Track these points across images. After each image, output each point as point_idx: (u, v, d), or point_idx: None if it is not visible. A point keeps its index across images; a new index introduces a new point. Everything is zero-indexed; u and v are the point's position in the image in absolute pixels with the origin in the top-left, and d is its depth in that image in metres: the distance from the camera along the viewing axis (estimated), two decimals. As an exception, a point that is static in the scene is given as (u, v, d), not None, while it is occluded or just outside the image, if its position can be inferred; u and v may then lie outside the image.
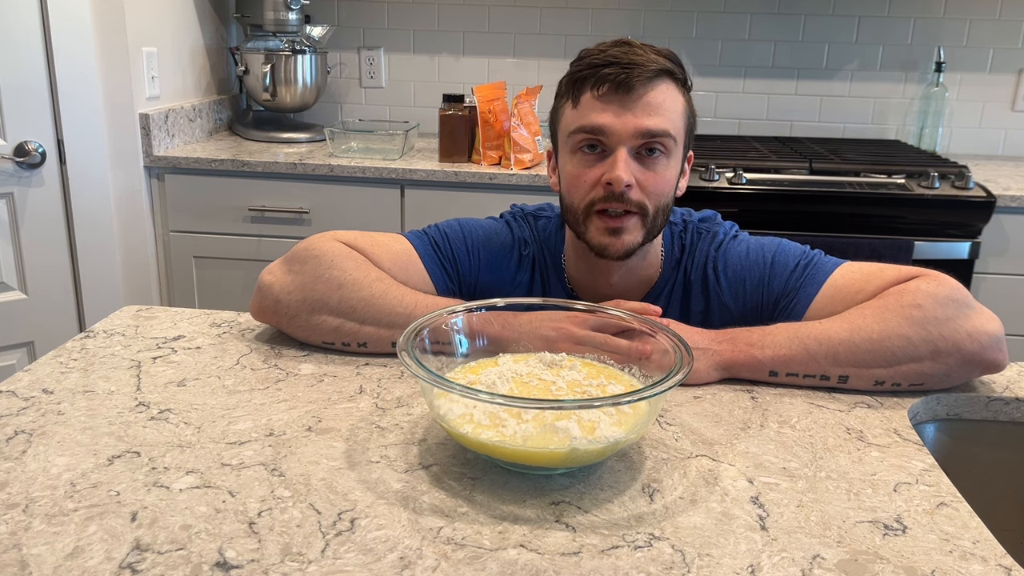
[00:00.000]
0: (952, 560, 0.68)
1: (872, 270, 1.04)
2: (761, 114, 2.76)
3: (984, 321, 0.95)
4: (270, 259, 1.13)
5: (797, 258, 1.10)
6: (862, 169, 2.25)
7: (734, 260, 1.13)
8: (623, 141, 1.03)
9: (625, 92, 1.02)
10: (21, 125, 2.04)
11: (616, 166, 1.03)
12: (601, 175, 1.04)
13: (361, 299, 1.02)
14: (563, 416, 0.76)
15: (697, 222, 1.18)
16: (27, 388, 0.94)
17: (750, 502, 0.75)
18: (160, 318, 1.17)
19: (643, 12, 2.69)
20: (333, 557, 0.66)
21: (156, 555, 0.65)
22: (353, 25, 2.79)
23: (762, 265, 1.11)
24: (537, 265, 1.19)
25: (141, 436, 0.84)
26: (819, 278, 1.06)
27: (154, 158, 2.28)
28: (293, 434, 0.85)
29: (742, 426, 0.90)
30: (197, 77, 2.60)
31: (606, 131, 1.03)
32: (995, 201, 2.12)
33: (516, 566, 0.65)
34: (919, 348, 0.94)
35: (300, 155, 2.35)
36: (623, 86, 1.02)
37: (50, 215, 2.13)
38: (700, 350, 0.98)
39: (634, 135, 1.03)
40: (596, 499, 0.75)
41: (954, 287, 0.97)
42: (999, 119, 2.70)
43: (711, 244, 1.15)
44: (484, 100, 2.27)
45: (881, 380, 0.96)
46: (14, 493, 0.73)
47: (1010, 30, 2.62)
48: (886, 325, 0.95)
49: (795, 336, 0.98)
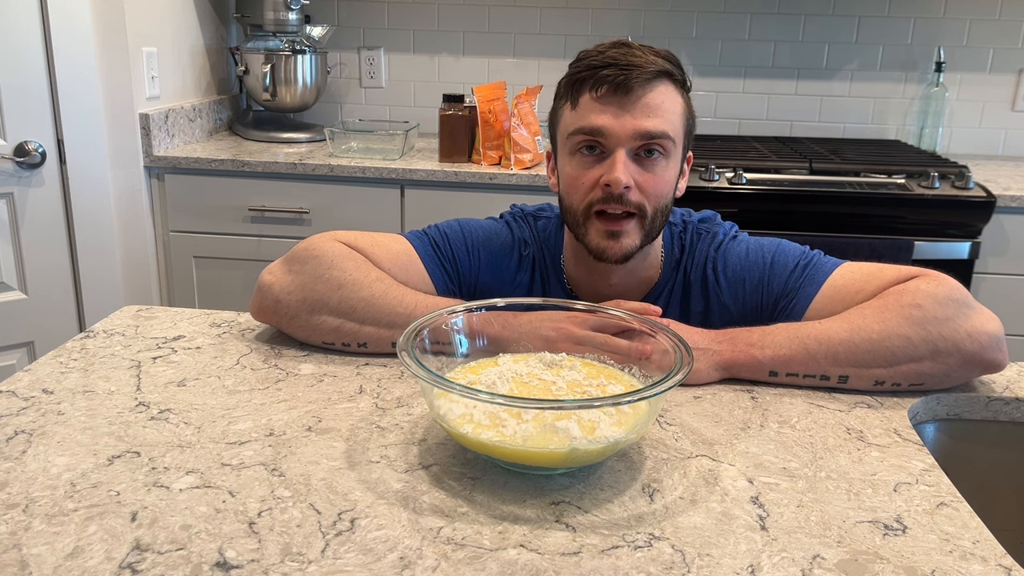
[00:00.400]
0: (952, 560, 0.68)
1: (872, 270, 1.04)
2: (761, 114, 2.76)
3: (984, 321, 0.95)
4: (270, 259, 1.13)
5: (796, 258, 1.10)
6: (862, 169, 2.25)
7: (733, 260, 1.13)
8: (621, 143, 1.03)
9: (623, 94, 1.02)
10: (21, 125, 2.04)
11: (614, 168, 1.03)
12: (600, 176, 1.04)
13: (361, 299, 1.02)
14: (563, 416, 0.76)
15: (697, 222, 1.18)
16: (27, 388, 0.94)
17: (750, 502, 0.75)
18: (160, 318, 1.17)
19: (643, 12, 2.69)
20: (333, 557, 0.66)
21: (156, 555, 0.65)
22: (353, 25, 2.79)
23: (761, 265, 1.11)
24: (537, 265, 1.19)
25: (141, 436, 0.84)
26: (819, 278, 1.06)
27: (154, 158, 2.28)
28: (293, 434, 0.85)
29: (742, 426, 0.90)
30: (197, 77, 2.60)
31: (604, 132, 1.03)
32: (995, 201, 2.12)
33: (516, 566, 0.65)
34: (919, 348, 0.94)
35: (300, 155, 2.35)
36: (621, 88, 1.02)
37: (50, 215, 2.13)
38: (700, 350, 0.98)
39: (632, 136, 1.03)
40: (596, 499, 0.75)
41: (954, 287, 0.97)
42: (999, 119, 2.70)
43: (711, 244, 1.15)
44: (484, 100, 2.27)
45: (881, 380, 0.96)
46: (14, 493, 0.73)
47: (1010, 30, 2.62)
48: (886, 325, 0.95)
49: (795, 336, 0.98)
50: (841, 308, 1.01)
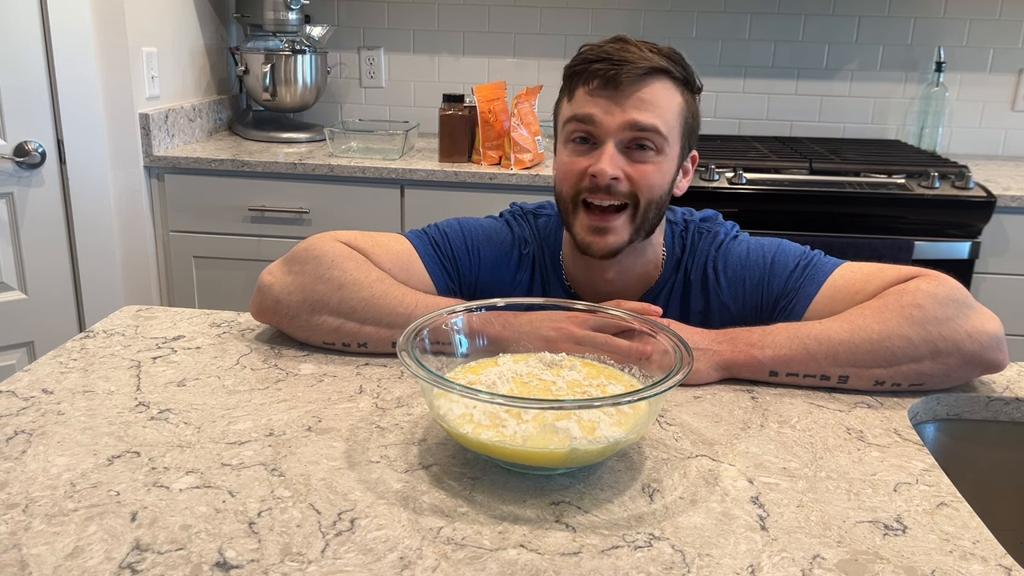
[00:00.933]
0: (952, 560, 0.68)
1: (872, 270, 1.04)
2: (761, 114, 2.76)
3: (984, 321, 0.95)
4: (270, 259, 1.13)
5: (797, 258, 1.10)
6: (862, 169, 2.25)
7: (734, 260, 1.13)
8: (611, 134, 1.04)
9: (614, 88, 1.03)
10: (21, 125, 2.04)
11: (601, 159, 1.04)
12: (589, 166, 1.05)
13: (362, 299, 1.02)
14: (563, 416, 0.76)
15: (699, 222, 1.18)
16: (27, 388, 0.94)
17: (750, 502, 0.75)
18: (160, 318, 1.17)
19: (643, 12, 2.69)
20: (333, 557, 0.66)
21: (156, 555, 0.65)
22: (353, 25, 2.79)
23: (762, 265, 1.11)
24: (537, 264, 1.19)
25: (141, 436, 0.84)
26: (819, 278, 1.06)
27: (154, 158, 2.28)
28: (293, 434, 0.85)
29: (742, 426, 0.90)
30: (197, 77, 2.60)
31: (595, 121, 1.04)
32: (995, 201, 2.12)
33: (516, 566, 0.65)
34: (919, 348, 0.94)
35: (300, 155, 2.35)
36: (612, 82, 1.03)
37: (50, 215, 2.13)
38: (700, 350, 0.98)
39: (621, 127, 1.04)
40: (596, 499, 0.75)
41: (954, 287, 0.97)
42: (999, 119, 2.70)
43: (712, 244, 1.15)
44: (484, 100, 2.27)
45: (881, 380, 0.96)
46: (14, 493, 0.73)
47: (1010, 30, 2.62)
48: (886, 325, 0.95)
49: (795, 336, 0.98)
50: (841, 308, 1.01)
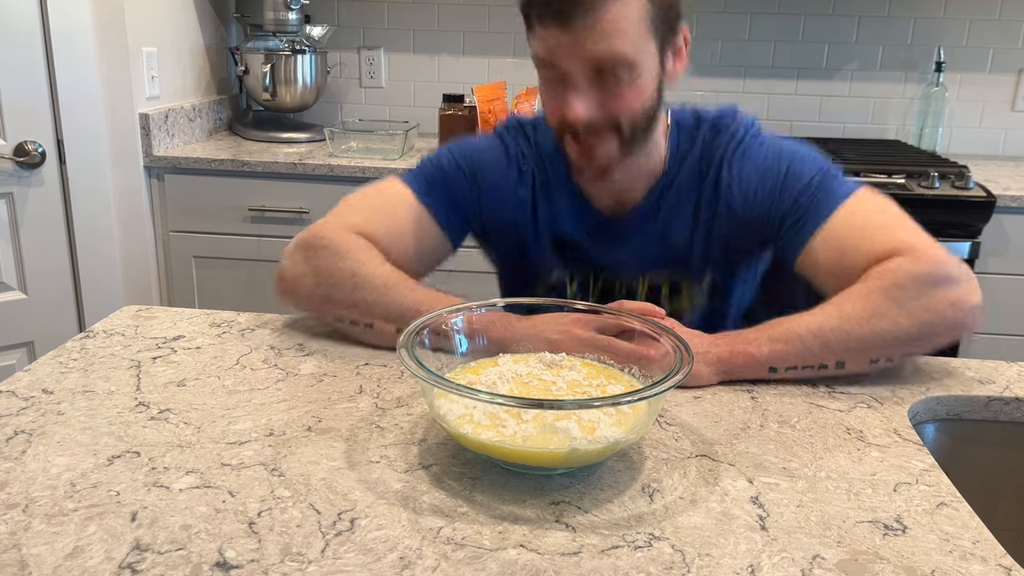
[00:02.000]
0: (952, 560, 0.68)
1: (871, 225, 1.05)
2: (761, 114, 2.76)
3: (964, 293, 0.97)
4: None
5: (812, 173, 1.09)
6: (862, 169, 2.24)
7: (750, 163, 1.11)
8: (574, 70, 1.00)
9: (567, 23, 0.97)
10: (21, 125, 2.04)
11: (571, 103, 1.01)
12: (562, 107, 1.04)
13: (374, 288, 1.05)
14: (563, 416, 0.76)
15: (714, 118, 1.16)
16: (27, 388, 0.94)
17: (750, 502, 0.75)
18: (160, 318, 1.17)
19: (643, 12, 2.69)
20: (333, 557, 0.66)
21: (156, 555, 0.65)
22: (353, 25, 2.79)
23: (776, 174, 1.10)
24: (537, 179, 1.19)
25: (141, 436, 0.84)
26: (829, 204, 1.06)
27: (154, 158, 2.28)
28: (293, 434, 0.85)
29: (742, 426, 0.90)
30: (197, 77, 2.60)
31: (555, 63, 1.01)
32: (995, 201, 2.12)
33: (516, 566, 0.65)
34: (906, 327, 0.96)
35: (300, 155, 2.35)
36: (563, 16, 0.97)
37: (50, 215, 2.13)
38: (699, 353, 0.98)
39: (583, 64, 0.99)
40: (596, 499, 0.75)
41: (933, 262, 0.98)
42: (999, 119, 2.70)
43: (730, 141, 1.13)
44: (484, 100, 2.27)
45: (875, 359, 0.99)
46: (14, 493, 0.73)
47: (1010, 30, 2.62)
48: (874, 310, 0.96)
49: (788, 330, 0.99)
50: (835, 257, 1.04)
